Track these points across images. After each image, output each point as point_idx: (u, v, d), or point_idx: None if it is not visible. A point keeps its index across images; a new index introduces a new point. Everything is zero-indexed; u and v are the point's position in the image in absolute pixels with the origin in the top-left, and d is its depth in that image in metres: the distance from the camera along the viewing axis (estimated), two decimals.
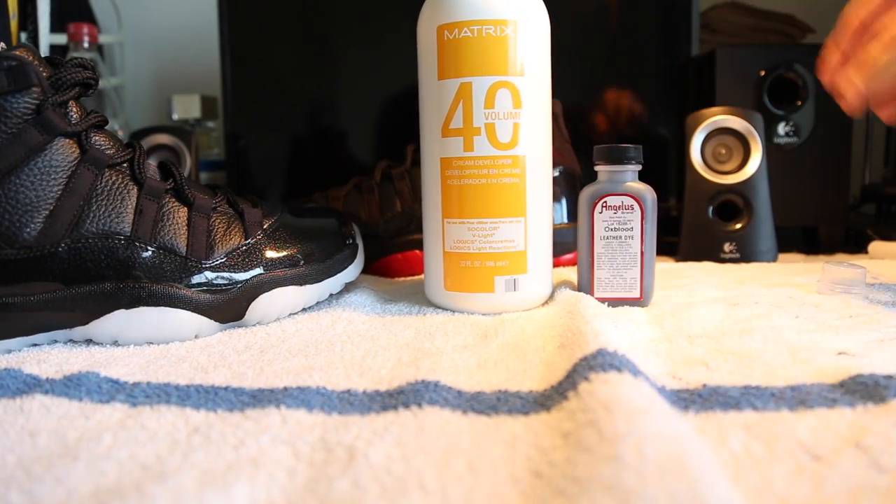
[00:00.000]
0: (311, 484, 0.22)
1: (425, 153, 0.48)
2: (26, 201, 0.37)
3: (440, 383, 0.30)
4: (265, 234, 0.45)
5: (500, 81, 0.44)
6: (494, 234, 0.46)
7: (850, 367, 0.31)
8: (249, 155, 0.82)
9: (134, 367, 0.35)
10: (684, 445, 0.21)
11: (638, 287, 0.47)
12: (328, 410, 0.28)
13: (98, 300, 0.39)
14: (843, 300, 0.47)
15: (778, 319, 0.43)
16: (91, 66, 0.41)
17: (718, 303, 0.48)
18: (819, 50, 0.51)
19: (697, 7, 0.81)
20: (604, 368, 0.29)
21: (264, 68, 0.81)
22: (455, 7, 0.44)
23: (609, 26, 0.81)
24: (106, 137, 0.41)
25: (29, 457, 0.24)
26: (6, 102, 0.37)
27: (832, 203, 0.77)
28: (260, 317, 0.44)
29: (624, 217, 0.47)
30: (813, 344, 0.36)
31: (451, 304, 0.48)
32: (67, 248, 0.38)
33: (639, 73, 0.82)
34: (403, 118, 0.80)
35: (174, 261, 0.41)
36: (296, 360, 0.36)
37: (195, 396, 0.30)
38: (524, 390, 0.30)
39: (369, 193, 0.64)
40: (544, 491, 0.21)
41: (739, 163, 0.71)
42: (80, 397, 0.30)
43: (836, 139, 0.76)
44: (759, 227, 0.70)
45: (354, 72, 0.81)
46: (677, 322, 0.42)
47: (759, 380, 0.31)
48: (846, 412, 0.27)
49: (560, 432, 0.25)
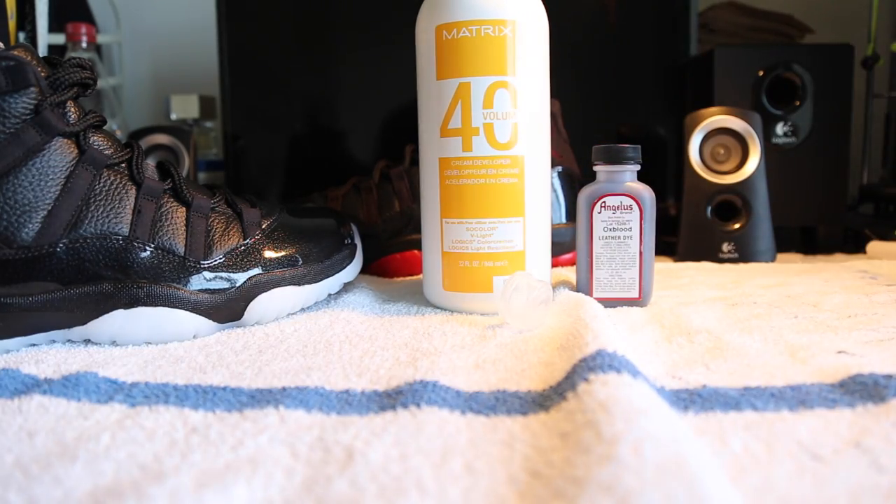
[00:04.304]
0: (310, 484, 0.22)
1: (424, 153, 0.48)
2: (24, 201, 0.37)
3: (438, 383, 0.30)
4: (264, 235, 0.45)
5: (499, 81, 0.44)
6: (493, 234, 0.46)
7: (849, 366, 0.31)
8: (248, 155, 0.82)
9: (132, 368, 0.35)
10: (683, 446, 0.21)
11: (637, 287, 0.47)
12: (326, 410, 0.28)
13: (96, 300, 0.39)
14: (843, 299, 0.47)
15: (777, 319, 0.43)
16: (89, 66, 0.41)
17: (717, 303, 0.48)
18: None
19: (696, 7, 0.81)
20: (603, 369, 0.28)
21: (263, 68, 0.81)
22: (454, 7, 0.44)
23: (608, 26, 0.81)
24: (104, 137, 0.41)
25: (27, 457, 0.24)
26: (4, 102, 0.37)
27: (830, 203, 0.77)
28: (258, 317, 0.44)
29: (623, 217, 0.47)
30: (812, 344, 0.36)
31: (450, 304, 0.48)
32: (66, 248, 0.38)
33: (637, 73, 0.82)
34: (402, 118, 0.80)
35: (172, 261, 0.41)
36: (294, 361, 0.36)
37: (193, 396, 0.30)
38: (522, 390, 0.30)
39: (368, 193, 0.64)
40: (543, 491, 0.21)
41: (738, 163, 0.71)
42: (79, 397, 0.30)
43: (835, 139, 0.76)
44: (758, 227, 0.70)
45: (353, 72, 0.81)
46: (676, 322, 0.42)
47: (758, 380, 0.31)
48: (846, 412, 0.27)
49: (559, 433, 0.25)
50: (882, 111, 0.96)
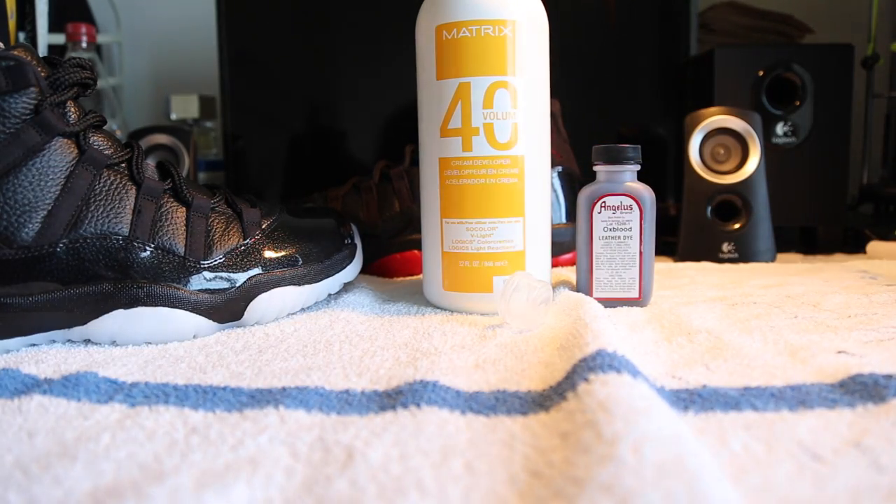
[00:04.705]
0: (310, 484, 0.22)
1: (424, 153, 0.48)
2: (24, 201, 0.37)
3: (438, 383, 0.30)
4: (263, 235, 0.45)
5: (499, 81, 0.44)
6: (493, 234, 0.46)
7: (849, 366, 0.31)
8: (248, 155, 0.82)
9: (132, 367, 0.35)
10: (683, 446, 0.21)
11: (637, 287, 0.47)
12: (326, 410, 0.28)
13: (96, 300, 0.39)
14: (843, 299, 0.47)
15: (777, 319, 0.43)
16: (89, 66, 0.41)
17: (717, 302, 0.48)
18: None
19: (696, 7, 0.81)
20: (603, 369, 0.28)
21: (262, 68, 0.81)
22: (454, 7, 0.44)
23: (608, 26, 0.81)
24: (104, 137, 0.41)
25: (27, 457, 0.24)
26: (4, 103, 0.37)
27: (830, 203, 0.77)
28: (258, 317, 0.44)
29: (623, 217, 0.47)
30: (812, 344, 0.36)
31: (450, 304, 0.48)
32: (66, 248, 0.38)
33: (637, 72, 0.82)
34: (402, 118, 0.80)
35: (172, 261, 0.41)
36: (294, 361, 0.36)
37: (193, 396, 0.30)
38: (522, 390, 0.30)
39: (368, 193, 0.64)
40: (543, 491, 0.21)
41: (738, 163, 0.71)
42: (79, 397, 0.30)
43: (835, 139, 0.76)
44: (758, 227, 0.70)
45: (353, 71, 0.81)
46: (676, 322, 0.42)
47: (758, 380, 0.31)
48: (846, 412, 0.27)
49: (559, 433, 0.25)
50: (882, 111, 0.96)
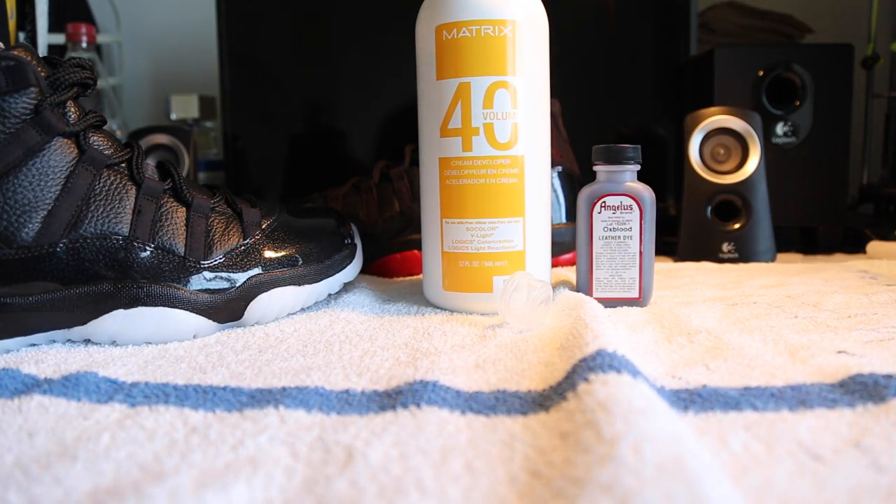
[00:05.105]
0: (310, 484, 0.22)
1: (424, 153, 0.48)
2: (24, 201, 0.37)
3: (438, 383, 0.30)
4: (264, 234, 0.45)
5: (499, 81, 0.44)
6: (493, 234, 0.46)
7: (849, 366, 0.31)
8: (248, 155, 0.82)
9: (132, 367, 0.35)
10: (683, 446, 0.21)
11: (637, 287, 0.47)
12: (326, 410, 0.28)
13: (96, 300, 0.39)
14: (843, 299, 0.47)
15: (777, 319, 0.43)
16: (89, 65, 0.41)
17: (717, 302, 0.48)
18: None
19: (696, 7, 0.81)
20: (603, 369, 0.28)
21: (262, 68, 0.81)
22: (454, 7, 0.44)
23: (608, 26, 0.81)
24: (104, 137, 0.41)
25: (27, 456, 0.24)
26: (4, 103, 0.37)
27: (830, 203, 0.77)
28: (258, 317, 0.44)
29: (623, 217, 0.47)
30: (812, 344, 0.36)
31: (450, 304, 0.48)
32: (66, 248, 0.38)
33: (637, 73, 0.82)
34: (402, 118, 0.80)
35: (172, 261, 0.41)
36: (294, 361, 0.36)
37: (193, 396, 0.30)
38: (522, 390, 0.30)
39: (368, 193, 0.64)
40: (543, 491, 0.21)
41: (738, 163, 0.71)
42: (79, 397, 0.30)
43: (835, 139, 0.76)
44: (758, 227, 0.70)
45: (353, 71, 0.81)
46: (676, 322, 0.42)
47: (758, 380, 0.31)
48: (846, 412, 0.27)
49: (559, 433, 0.25)
50: (882, 111, 0.96)
